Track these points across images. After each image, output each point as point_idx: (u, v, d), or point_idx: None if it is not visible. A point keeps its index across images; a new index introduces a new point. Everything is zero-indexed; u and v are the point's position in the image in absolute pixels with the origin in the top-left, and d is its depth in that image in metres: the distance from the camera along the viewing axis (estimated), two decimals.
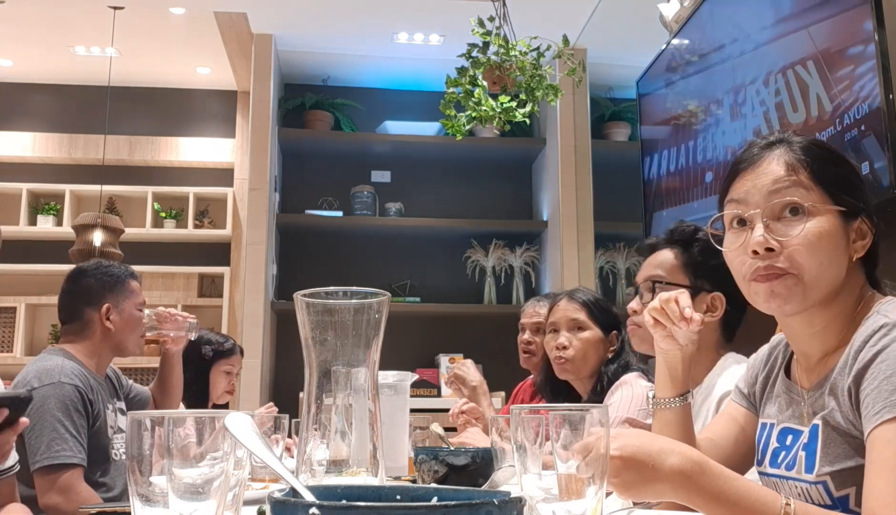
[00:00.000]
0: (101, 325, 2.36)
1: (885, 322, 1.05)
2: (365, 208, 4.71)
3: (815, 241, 1.11)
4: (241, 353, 3.46)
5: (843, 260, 1.13)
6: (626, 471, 0.97)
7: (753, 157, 1.18)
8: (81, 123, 5.25)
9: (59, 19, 4.46)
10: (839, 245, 1.13)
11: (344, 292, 0.92)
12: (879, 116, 2.18)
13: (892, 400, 0.98)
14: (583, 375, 2.29)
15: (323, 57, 4.76)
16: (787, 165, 1.15)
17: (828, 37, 2.48)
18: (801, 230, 1.11)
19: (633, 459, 0.97)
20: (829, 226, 1.12)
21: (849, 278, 1.15)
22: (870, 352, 1.04)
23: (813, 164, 1.14)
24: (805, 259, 1.11)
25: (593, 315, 2.29)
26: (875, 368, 1.02)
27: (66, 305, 2.43)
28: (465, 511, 0.58)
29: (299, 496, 0.66)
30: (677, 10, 3.61)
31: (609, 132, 4.93)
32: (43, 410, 2.10)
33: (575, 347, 2.26)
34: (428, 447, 1.68)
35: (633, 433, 1.02)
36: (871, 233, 1.15)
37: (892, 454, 0.96)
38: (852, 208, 1.14)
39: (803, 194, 1.13)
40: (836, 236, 1.12)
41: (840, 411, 1.08)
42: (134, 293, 2.46)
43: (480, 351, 4.48)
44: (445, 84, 2.84)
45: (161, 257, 5.15)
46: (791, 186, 1.13)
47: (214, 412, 0.75)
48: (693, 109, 3.48)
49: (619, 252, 4.79)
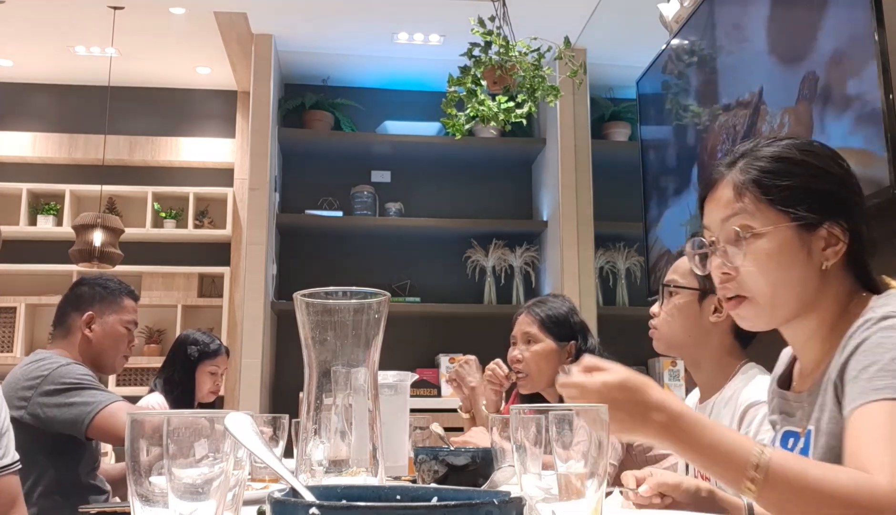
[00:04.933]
0: (81, 332, 2.35)
1: (870, 317, 1.06)
2: (365, 208, 4.71)
3: (764, 262, 1.12)
4: (227, 353, 3.47)
5: (806, 272, 1.13)
6: (617, 412, 0.98)
7: (714, 180, 1.21)
8: (81, 123, 5.25)
9: (59, 19, 4.46)
10: (795, 260, 1.12)
11: (344, 292, 0.92)
12: (879, 116, 2.18)
13: (869, 387, 0.99)
14: (541, 386, 2.34)
15: (323, 57, 4.76)
16: (734, 188, 1.16)
17: (828, 36, 2.48)
18: (749, 254, 1.13)
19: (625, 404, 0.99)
20: (778, 244, 1.12)
21: (827, 287, 1.14)
22: (850, 347, 1.05)
23: (761, 182, 1.14)
24: (755, 282, 1.13)
25: (545, 327, 2.33)
26: (855, 360, 1.03)
27: (58, 309, 2.45)
28: (465, 511, 0.58)
29: (299, 496, 0.65)
30: (677, 10, 3.61)
31: (609, 132, 4.93)
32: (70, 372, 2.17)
33: (527, 359, 2.32)
34: (428, 447, 1.68)
35: (633, 374, 1.03)
36: (842, 239, 1.13)
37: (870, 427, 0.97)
38: (808, 220, 1.12)
39: (748, 217, 1.14)
40: (790, 252, 1.12)
41: (829, 412, 1.09)
42: (124, 310, 2.44)
43: (480, 351, 4.46)
44: (448, 83, 2.84)
45: (161, 257, 5.15)
46: (738, 212, 1.15)
47: (215, 412, 0.75)
48: (693, 109, 3.47)
49: (619, 252, 4.79)
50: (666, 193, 3.79)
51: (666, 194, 3.79)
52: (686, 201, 3.54)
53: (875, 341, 1.03)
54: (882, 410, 0.97)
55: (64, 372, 2.19)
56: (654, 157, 3.95)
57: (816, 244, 1.13)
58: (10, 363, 4.67)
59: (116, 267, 4.32)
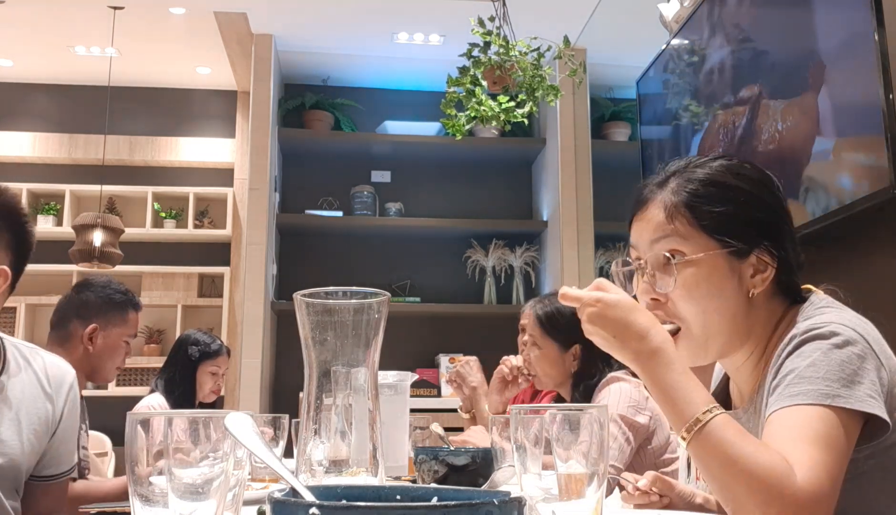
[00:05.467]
0: (82, 343, 2.31)
1: (794, 333, 1.06)
2: (365, 208, 4.71)
3: (694, 289, 1.11)
4: (227, 353, 3.46)
5: (736, 300, 1.12)
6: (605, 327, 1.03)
7: (644, 199, 1.18)
8: (81, 123, 5.26)
9: (59, 19, 4.46)
10: (725, 287, 1.11)
11: (344, 292, 0.92)
12: (879, 116, 2.18)
13: (784, 394, 1.01)
14: (552, 386, 2.33)
15: (323, 57, 4.76)
16: (665, 210, 1.14)
17: (828, 36, 2.48)
18: (679, 280, 1.11)
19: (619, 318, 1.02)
20: (709, 271, 1.11)
21: (755, 313, 1.13)
22: (779, 360, 1.06)
23: (693, 207, 1.12)
24: (685, 309, 1.12)
25: (546, 332, 2.28)
26: (779, 378, 1.04)
27: (59, 309, 2.38)
28: (465, 511, 0.58)
29: (299, 496, 0.65)
30: (677, 10, 3.61)
31: (609, 132, 4.93)
32: None
33: (533, 363, 2.31)
34: (428, 448, 1.68)
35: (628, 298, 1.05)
36: (771, 265, 1.12)
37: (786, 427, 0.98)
38: (739, 247, 1.11)
39: (679, 241, 1.12)
40: (719, 279, 1.11)
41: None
42: (127, 324, 2.40)
43: (480, 351, 4.47)
44: (447, 83, 2.84)
45: (161, 258, 5.15)
46: (669, 235, 1.12)
47: (214, 412, 0.75)
48: (693, 108, 3.47)
49: (619, 252, 4.79)
50: None
51: None
52: None
53: (795, 354, 1.04)
54: (796, 413, 0.98)
55: None
56: (654, 156, 3.95)
57: (745, 271, 1.12)
58: None
59: (116, 267, 4.32)
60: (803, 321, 1.08)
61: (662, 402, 1.01)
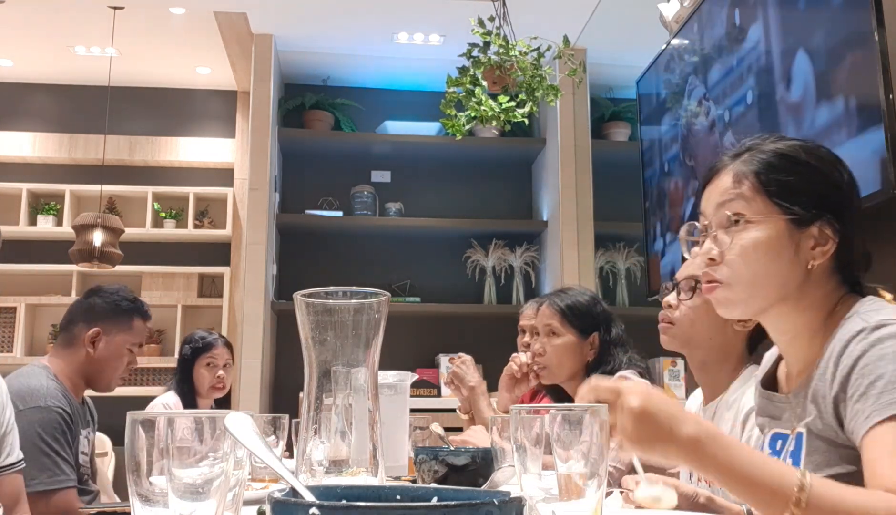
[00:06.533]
0: (84, 347, 2.30)
1: (863, 327, 1.05)
2: (365, 208, 4.71)
3: (749, 250, 1.13)
4: (226, 346, 3.47)
5: (790, 268, 1.13)
6: (644, 425, 0.94)
7: (716, 169, 1.22)
8: (81, 123, 5.25)
9: (59, 19, 4.46)
10: (782, 254, 1.13)
11: (344, 292, 0.92)
12: (880, 116, 2.18)
13: (880, 403, 0.98)
14: (560, 379, 2.30)
15: (323, 57, 4.76)
16: (734, 176, 1.17)
17: (828, 36, 2.48)
18: (737, 241, 1.14)
19: (654, 415, 0.94)
20: (769, 235, 1.13)
21: (812, 286, 1.14)
22: (849, 359, 1.04)
23: (760, 174, 1.15)
24: (737, 268, 1.14)
25: (567, 320, 2.28)
26: (857, 374, 1.02)
27: (68, 312, 2.38)
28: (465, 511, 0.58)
29: (299, 496, 0.65)
30: (677, 10, 3.61)
31: (609, 132, 4.93)
32: (31, 434, 2.04)
33: (549, 353, 2.28)
34: (428, 448, 1.68)
35: (654, 395, 0.97)
36: (833, 240, 1.13)
37: (889, 447, 0.95)
38: (801, 216, 1.13)
39: (744, 204, 1.15)
40: (777, 244, 1.13)
41: (822, 419, 1.08)
42: (132, 331, 2.38)
43: (480, 351, 4.46)
44: (446, 84, 2.84)
45: (161, 257, 5.15)
46: (734, 198, 1.16)
47: (214, 412, 0.75)
48: (693, 108, 3.47)
49: (619, 252, 4.79)
50: (666, 193, 3.79)
51: (666, 194, 3.79)
52: (686, 201, 3.53)
53: (875, 354, 1.01)
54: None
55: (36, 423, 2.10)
56: (654, 157, 3.95)
57: (805, 242, 1.13)
58: (11, 363, 4.66)
59: (116, 267, 4.32)
60: (867, 313, 1.07)
61: (740, 484, 0.94)
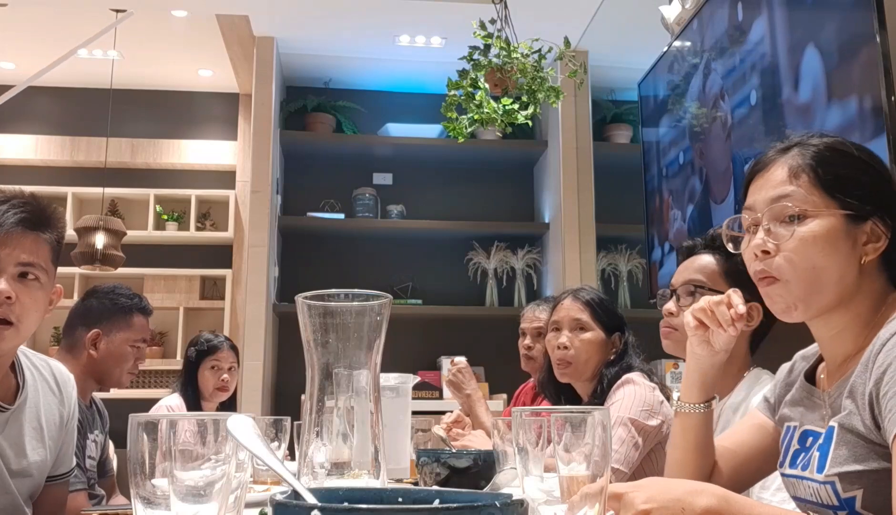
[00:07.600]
0: (86, 350, 2.30)
1: None
2: (367, 211, 4.71)
3: (808, 244, 1.12)
4: (231, 348, 3.48)
5: (847, 263, 1.13)
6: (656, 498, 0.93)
7: (765, 162, 1.21)
8: (84, 125, 5.26)
9: (61, 22, 4.47)
10: (840, 249, 1.12)
11: (345, 295, 0.92)
12: (881, 117, 2.18)
13: None
14: (584, 377, 2.25)
15: (325, 59, 4.76)
16: (790, 169, 1.16)
17: (829, 37, 2.48)
18: (795, 234, 1.13)
19: (664, 508, 0.93)
20: (826, 229, 1.12)
21: (863, 281, 1.14)
22: (889, 356, 1.03)
23: (817, 167, 1.15)
24: (795, 263, 1.13)
25: (596, 316, 2.25)
26: (893, 372, 1.01)
27: (68, 317, 2.40)
28: (467, 513, 0.58)
29: (301, 498, 0.65)
30: (679, 13, 3.61)
31: (610, 134, 4.92)
32: None
33: (576, 347, 2.22)
34: (430, 450, 1.68)
35: (655, 481, 0.99)
36: (885, 236, 1.14)
37: None
38: (858, 210, 1.13)
39: (802, 198, 1.14)
40: (835, 239, 1.12)
41: (858, 414, 1.08)
42: (133, 329, 2.38)
43: (482, 354, 4.48)
44: (447, 87, 2.84)
45: (163, 260, 5.15)
46: (791, 193, 1.14)
47: (216, 415, 0.75)
48: (695, 110, 3.47)
49: (621, 254, 4.79)
50: (668, 195, 3.79)
51: (668, 196, 3.79)
52: (688, 203, 3.53)
53: None
54: None
55: None
56: (655, 159, 3.95)
57: (860, 237, 1.13)
58: None
59: (118, 270, 4.32)
60: None
61: None
